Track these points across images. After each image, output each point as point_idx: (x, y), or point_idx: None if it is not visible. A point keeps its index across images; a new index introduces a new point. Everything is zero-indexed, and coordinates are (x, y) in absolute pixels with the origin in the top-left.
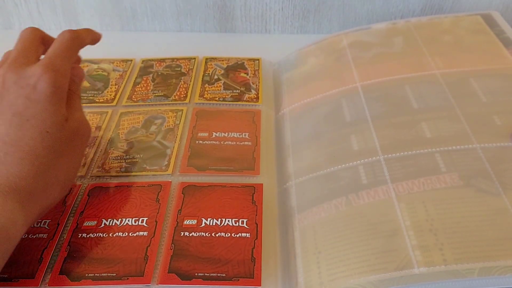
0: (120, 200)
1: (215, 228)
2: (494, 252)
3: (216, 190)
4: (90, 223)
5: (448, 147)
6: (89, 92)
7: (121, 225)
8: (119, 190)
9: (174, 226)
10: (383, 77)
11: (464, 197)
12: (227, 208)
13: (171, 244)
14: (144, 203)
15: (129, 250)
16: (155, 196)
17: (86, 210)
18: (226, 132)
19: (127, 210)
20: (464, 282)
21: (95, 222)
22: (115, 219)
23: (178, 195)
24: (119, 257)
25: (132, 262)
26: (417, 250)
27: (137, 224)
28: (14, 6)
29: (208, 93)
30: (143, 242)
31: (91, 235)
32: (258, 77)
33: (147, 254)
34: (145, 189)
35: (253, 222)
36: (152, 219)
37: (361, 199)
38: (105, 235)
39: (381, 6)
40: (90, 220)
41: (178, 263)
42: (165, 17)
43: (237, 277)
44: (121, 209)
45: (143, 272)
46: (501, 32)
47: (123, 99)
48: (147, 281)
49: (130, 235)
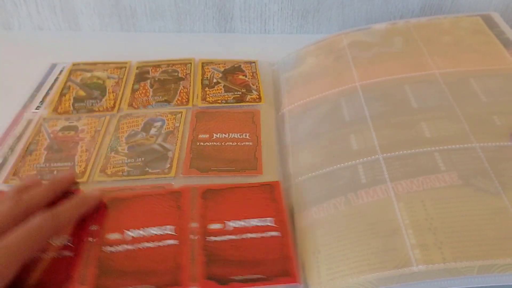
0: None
1: (242, 230)
2: (493, 250)
3: (235, 192)
4: (114, 236)
5: (448, 146)
6: (87, 101)
7: (147, 236)
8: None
9: (201, 232)
10: (382, 77)
11: (463, 196)
12: (250, 208)
13: (202, 251)
14: (165, 211)
15: (159, 260)
16: (175, 203)
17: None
18: (226, 133)
19: (150, 220)
20: (463, 280)
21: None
22: (138, 229)
23: (198, 201)
24: (150, 268)
25: (166, 272)
26: (416, 249)
27: (163, 233)
28: (13, 6)
29: (210, 96)
30: (173, 251)
31: (119, 248)
32: (256, 78)
33: (178, 262)
34: (164, 197)
35: (278, 220)
36: (177, 226)
37: (360, 199)
38: (133, 247)
39: (380, 6)
40: (113, 233)
41: (213, 269)
42: (164, 17)
43: (274, 276)
44: (143, 219)
45: (178, 281)
46: (501, 33)
47: (124, 106)
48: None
49: (158, 245)
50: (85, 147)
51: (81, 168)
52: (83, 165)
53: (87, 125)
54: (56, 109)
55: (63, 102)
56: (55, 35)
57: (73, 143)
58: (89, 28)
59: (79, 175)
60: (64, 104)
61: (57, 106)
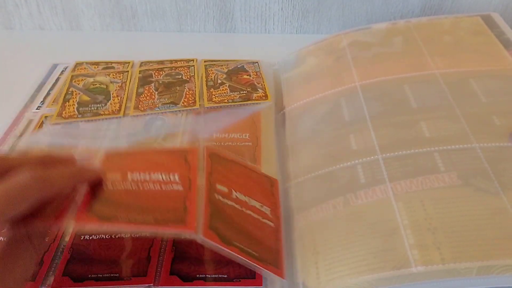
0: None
1: (244, 204)
2: (493, 251)
3: (240, 168)
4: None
5: (447, 147)
6: (92, 105)
7: (152, 179)
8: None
9: (208, 187)
10: (382, 77)
11: (463, 196)
12: (253, 189)
13: (209, 204)
14: (173, 162)
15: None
16: (183, 158)
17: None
18: (226, 133)
19: (157, 167)
20: (462, 281)
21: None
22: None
23: (206, 160)
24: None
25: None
26: (415, 249)
27: (169, 180)
28: (14, 6)
29: (216, 97)
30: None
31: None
32: (261, 77)
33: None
34: (171, 153)
35: (274, 213)
36: (183, 176)
37: (359, 199)
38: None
39: (381, 6)
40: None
41: (217, 224)
42: (165, 17)
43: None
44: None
45: (185, 220)
46: (501, 34)
47: (130, 108)
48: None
49: (163, 188)
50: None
51: None
52: None
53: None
54: (60, 114)
55: (67, 108)
56: (56, 35)
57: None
58: (90, 28)
59: None
60: (68, 109)
61: (61, 111)
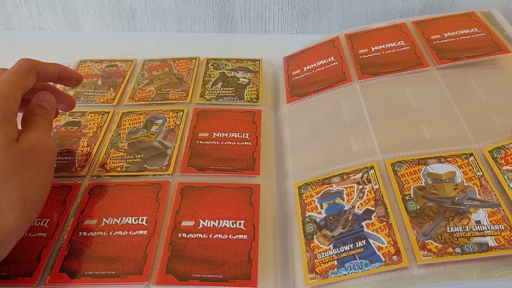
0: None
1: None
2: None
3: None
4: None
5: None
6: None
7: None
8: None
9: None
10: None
11: None
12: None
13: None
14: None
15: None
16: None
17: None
18: (226, 133)
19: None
20: (463, 284)
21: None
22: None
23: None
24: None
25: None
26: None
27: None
28: (14, 6)
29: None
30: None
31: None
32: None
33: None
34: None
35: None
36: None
37: None
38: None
39: (381, 6)
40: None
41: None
42: (165, 17)
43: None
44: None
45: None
46: (502, 31)
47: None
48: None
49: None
50: (87, 142)
51: (81, 162)
52: (83, 159)
53: (90, 121)
54: None
55: None
56: (56, 35)
57: (75, 138)
58: (90, 28)
59: (79, 169)
60: None
61: None
